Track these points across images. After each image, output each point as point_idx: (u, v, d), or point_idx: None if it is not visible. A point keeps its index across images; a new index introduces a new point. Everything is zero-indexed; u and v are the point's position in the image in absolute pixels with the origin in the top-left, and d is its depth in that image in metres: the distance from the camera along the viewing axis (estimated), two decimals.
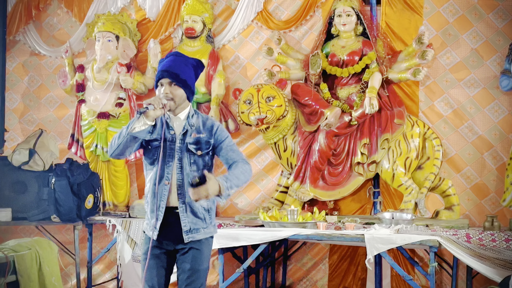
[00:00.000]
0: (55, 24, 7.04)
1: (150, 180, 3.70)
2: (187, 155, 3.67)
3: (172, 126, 3.70)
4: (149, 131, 3.55)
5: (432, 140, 5.76)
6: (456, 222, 5.38)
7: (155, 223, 3.64)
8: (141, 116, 3.48)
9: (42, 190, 5.91)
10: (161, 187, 3.64)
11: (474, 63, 5.87)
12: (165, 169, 3.65)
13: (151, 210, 3.68)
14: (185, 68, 3.69)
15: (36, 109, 7.03)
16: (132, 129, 3.49)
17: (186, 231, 3.65)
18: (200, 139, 3.69)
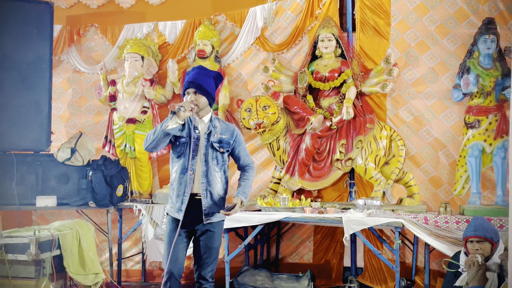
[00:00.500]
0: (92, 47, 7.03)
1: (176, 171, 3.73)
2: (211, 151, 3.72)
3: (197, 126, 3.73)
4: (179, 129, 3.60)
5: (397, 141, 5.75)
6: (416, 208, 5.38)
7: (181, 205, 3.67)
8: (174, 116, 3.54)
9: (81, 181, 5.90)
10: (187, 176, 3.67)
11: (431, 78, 5.86)
12: (190, 161, 3.68)
13: (177, 195, 3.71)
14: (207, 80, 3.75)
15: (77, 115, 7.02)
16: (166, 126, 3.54)
17: (206, 214, 3.68)
18: (222, 139, 3.75)
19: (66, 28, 6.91)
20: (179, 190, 3.71)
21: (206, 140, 3.74)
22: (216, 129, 3.78)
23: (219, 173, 3.76)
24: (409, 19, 5.89)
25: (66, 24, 6.94)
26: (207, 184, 3.69)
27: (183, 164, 3.71)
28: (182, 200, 3.68)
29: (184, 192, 3.69)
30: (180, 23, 6.69)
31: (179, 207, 3.69)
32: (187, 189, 3.68)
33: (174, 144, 3.76)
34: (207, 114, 3.80)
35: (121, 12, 6.86)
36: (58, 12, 6.70)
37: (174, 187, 3.76)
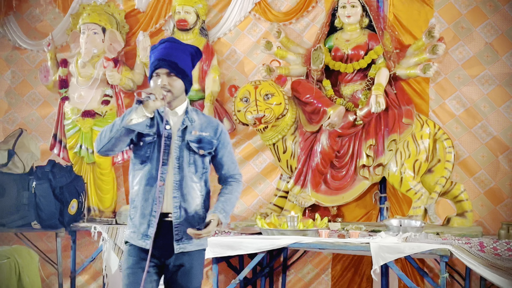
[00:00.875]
0: (37, 16, 7.04)
1: (140, 182, 3.56)
2: (187, 154, 3.56)
3: (168, 121, 3.57)
4: (147, 124, 3.46)
5: (443, 141, 5.75)
6: (469, 230, 5.36)
7: (147, 229, 3.49)
8: (140, 107, 3.39)
9: (21, 194, 5.89)
10: (154, 188, 3.50)
11: (488, 58, 5.87)
12: (160, 168, 3.49)
13: (141, 215, 3.52)
14: (183, 56, 3.59)
15: (18, 107, 7.03)
16: (129, 120, 3.38)
17: (178, 240, 3.51)
18: (202, 138, 3.60)
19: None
20: (144, 208, 3.52)
21: (180, 138, 3.57)
22: (194, 124, 3.61)
23: (198, 184, 3.59)
24: None
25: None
26: (181, 199, 3.52)
27: (149, 172, 3.53)
28: (149, 222, 3.49)
29: (151, 211, 3.50)
30: None
31: (145, 232, 3.50)
32: (156, 207, 3.49)
33: (136, 146, 3.59)
34: (181, 104, 3.62)
35: None
36: None
37: (136, 204, 3.56)
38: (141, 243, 3.51)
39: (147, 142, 3.55)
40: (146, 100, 3.38)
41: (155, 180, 3.51)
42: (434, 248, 4.66)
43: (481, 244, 5.08)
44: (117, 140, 3.43)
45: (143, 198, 3.53)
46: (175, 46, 3.62)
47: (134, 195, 3.59)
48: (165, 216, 3.51)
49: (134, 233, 3.56)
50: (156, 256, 3.53)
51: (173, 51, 3.57)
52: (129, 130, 3.41)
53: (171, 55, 3.54)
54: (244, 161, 6.44)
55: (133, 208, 3.59)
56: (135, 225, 3.56)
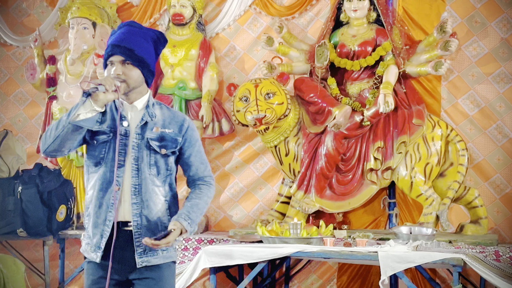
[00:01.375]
0: (24, 10, 7.07)
1: (93, 186, 3.31)
2: (147, 154, 3.32)
3: (125, 116, 3.33)
4: (97, 120, 3.22)
5: (456, 144, 5.75)
6: (484, 238, 5.36)
7: (100, 241, 3.26)
8: (88, 100, 3.11)
9: (7, 200, 5.90)
10: (109, 194, 3.26)
11: (504, 55, 5.88)
12: (115, 171, 3.23)
13: (94, 224, 3.29)
14: (142, 42, 3.34)
15: (3, 107, 7.07)
16: (76, 116, 3.10)
17: (140, 253, 3.27)
18: (165, 135, 3.36)
19: None
20: (98, 216, 3.28)
21: (140, 136, 3.32)
22: (155, 120, 3.37)
23: (161, 188, 3.35)
24: None
25: None
26: (141, 205, 3.28)
27: (103, 175, 3.28)
28: (103, 232, 3.25)
29: (105, 219, 3.26)
30: None
31: (97, 243, 3.27)
32: (110, 214, 3.25)
33: (90, 145, 3.34)
34: (141, 97, 3.38)
35: None
36: None
37: (90, 212, 3.32)
38: (93, 256, 3.28)
39: (101, 141, 3.31)
40: (95, 92, 3.10)
41: (110, 184, 3.27)
42: (446, 257, 4.65)
43: (496, 253, 5.08)
44: (64, 138, 3.16)
45: (96, 205, 3.29)
46: (133, 31, 3.36)
47: (88, 201, 3.36)
48: (124, 225, 3.28)
49: (88, 245, 3.34)
50: (117, 271, 3.29)
51: (130, 36, 3.33)
52: (77, 127, 3.14)
53: (127, 41, 3.30)
54: (243, 165, 6.45)
55: (86, 216, 3.36)
56: (89, 236, 3.33)
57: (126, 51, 3.27)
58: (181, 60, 6.28)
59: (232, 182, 6.48)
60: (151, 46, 3.37)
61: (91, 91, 3.10)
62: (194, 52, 6.29)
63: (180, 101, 6.26)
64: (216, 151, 6.48)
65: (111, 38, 3.37)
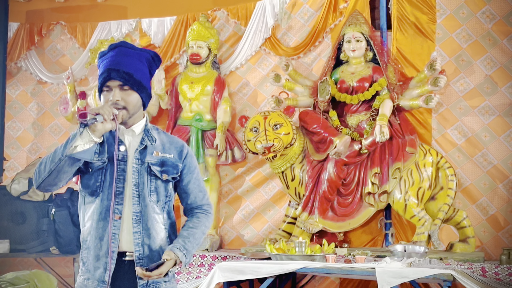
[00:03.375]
0: (58, 50, 7.09)
1: (91, 217, 2.87)
2: (148, 180, 2.90)
3: (122, 141, 2.92)
4: (95, 151, 2.80)
5: (445, 170, 5.73)
6: (471, 255, 5.33)
7: (103, 274, 2.83)
8: (85, 131, 2.69)
9: (41, 221, 5.90)
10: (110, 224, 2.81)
11: (488, 89, 5.88)
12: (113, 199, 2.81)
13: (95, 257, 2.85)
14: (139, 65, 2.92)
15: (40, 137, 7.06)
16: (73, 148, 2.68)
17: (143, 285, 2.85)
18: (166, 159, 2.94)
19: (25, 26, 7.00)
20: (98, 248, 2.84)
21: (140, 161, 2.90)
22: (155, 144, 2.96)
23: (160, 216, 2.94)
24: (459, 14, 5.94)
25: (25, 21, 7.03)
26: (143, 234, 2.86)
27: (101, 204, 2.85)
28: (106, 265, 2.81)
29: (107, 251, 2.81)
30: (169, 20, 6.77)
31: (101, 277, 2.83)
32: (113, 245, 2.81)
33: (84, 174, 2.91)
34: (139, 121, 2.96)
35: (94, 7, 6.94)
36: (15, 6, 6.80)
37: (89, 245, 2.88)
38: None
39: (96, 168, 2.87)
40: (92, 123, 2.69)
41: (109, 213, 2.82)
42: (437, 273, 4.63)
43: (483, 269, 5.05)
44: (60, 172, 2.74)
45: (96, 237, 2.85)
46: (128, 52, 2.93)
47: (86, 234, 2.90)
48: (123, 255, 2.87)
49: (89, 280, 2.87)
50: None
51: (126, 58, 2.89)
52: (74, 159, 2.73)
53: (124, 64, 2.86)
54: (254, 189, 6.44)
55: (85, 249, 2.91)
56: (89, 271, 2.87)
57: (124, 75, 2.84)
58: (198, 95, 6.31)
59: (244, 205, 6.47)
60: (146, 68, 2.96)
61: (89, 123, 2.69)
62: (209, 87, 6.31)
63: (197, 131, 6.27)
64: (229, 176, 6.48)
65: (104, 60, 2.92)
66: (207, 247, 5.93)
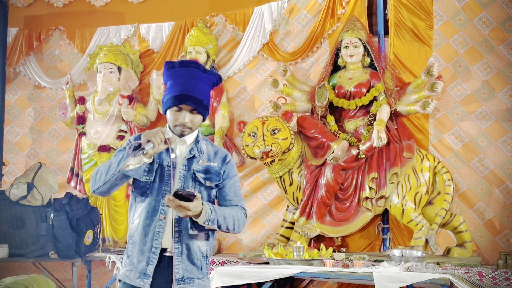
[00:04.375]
0: (56, 56, 7.11)
1: (140, 215, 3.18)
2: (192, 185, 3.19)
3: (173, 149, 3.20)
4: (145, 169, 3.13)
5: (442, 175, 5.74)
6: (468, 260, 5.33)
7: (146, 267, 3.11)
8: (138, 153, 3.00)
9: (40, 226, 5.89)
10: (155, 222, 3.13)
11: (485, 95, 5.89)
12: (161, 200, 3.12)
13: (140, 251, 3.15)
14: (207, 90, 3.23)
15: (39, 142, 7.07)
16: (125, 166, 3.00)
17: (178, 279, 3.12)
18: (210, 168, 3.22)
19: (24, 31, 7.01)
20: (143, 243, 3.14)
21: (187, 168, 3.20)
22: (202, 155, 3.25)
23: None
24: (456, 20, 5.95)
25: (24, 26, 7.04)
26: (183, 234, 3.14)
27: (149, 204, 3.15)
28: (149, 259, 3.12)
29: (151, 247, 3.12)
30: (167, 26, 6.79)
31: (143, 270, 3.12)
32: (156, 242, 3.12)
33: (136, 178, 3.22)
34: (192, 133, 3.26)
35: (93, 12, 6.96)
36: (14, 12, 6.81)
37: (135, 240, 3.18)
38: (139, 282, 3.13)
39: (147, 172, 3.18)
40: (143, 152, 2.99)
41: (156, 212, 3.14)
42: (434, 277, 4.63)
43: (480, 273, 5.05)
44: (113, 184, 3.11)
45: (142, 233, 3.15)
46: (201, 76, 3.21)
47: (133, 230, 3.22)
48: (164, 251, 3.15)
49: (131, 271, 3.16)
50: None
51: (199, 83, 3.18)
52: (125, 175, 3.09)
53: (197, 90, 3.15)
54: (252, 193, 6.45)
55: (131, 244, 3.22)
56: (133, 263, 3.17)
57: (196, 101, 3.14)
58: None
59: None
60: (210, 90, 3.28)
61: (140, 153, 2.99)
62: None
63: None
64: None
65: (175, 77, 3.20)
66: None
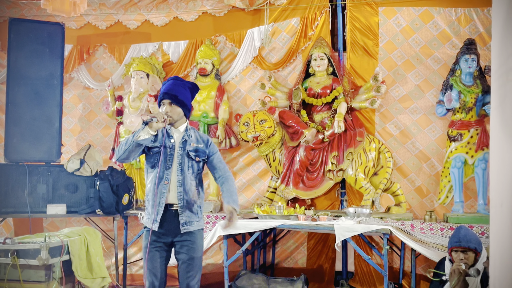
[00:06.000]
0: (101, 65, 7.04)
1: (151, 181, 3.48)
2: (187, 160, 3.49)
3: (172, 135, 3.52)
4: (152, 140, 3.40)
5: (385, 153, 5.75)
6: (403, 215, 5.36)
7: (156, 216, 3.40)
8: (146, 127, 3.33)
9: (89, 190, 5.86)
10: (161, 186, 3.42)
11: (416, 95, 5.89)
12: (165, 171, 3.43)
13: (152, 205, 3.45)
14: (182, 90, 3.52)
15: (87, 129, 7.01)
16: (138, 137, 3.32)
17: (183, 223, 3.43)
18: (198, 148, 3.53)
19: (77, 47, 6.93)
20: (154, 200, 3.44)
21: (182, 149, 3.51)
22: (191, 139, 3.55)
23: (194, 182, 3.52)
24: (396, 40, 5.94)
25: (77, 43, 6.96)
26: (183, 193, 3.44)
27: (157, 174, 3.44)
28: (158, 211, 3.41)
29: (159, 203, 3.42)
30: (183, 43, 6.72)
31: (155, 218, 3.41)
32: (162, 199, 3.42)
33: (147, 155, 3.51)
34: (183, 124, 3.57)
35: (128, 33, 6.88)
36: (69, 33, 6.73)
37: (149, 197, 3.49)
38: (152, 225, 3.42)
39: (155, 152, 3.47)
40: (150, 121, 3.32)
41: (162, 179, 3.43)
42: (379, 228, 4.66)
43: (412, 225, 5.09)
44: (130, 152, 3.37)
45: (153, 193, 3.44)
46: (177, 83, 3.55)
47: (148, 191, 3.51)
48: (171, 206, 3.45)
49: (149, 219, 3.48)
50: (165, 235, 3.46)
51: (175, 86, 3.51)
52: (138, 144, 3.35)
53: (173, 90, 3.49)
54: (245, 167, 6.43)
55: (147, 200, 3.52)
56: (149, 213, 3.48)
57: (172, 96, 3.47)
58: (204, 98, 6.27)
59: (238, 179, 6.44)
60: (188, 93, 3.57)
61: (148, 121, 3.31)
62: (213, 93, 6.28)
63: (204, 125, 6.25)
64: (227, 158, 6.46)
65: (163, 87, 3.56)
66: (211, 210, 5.92)
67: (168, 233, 3.46)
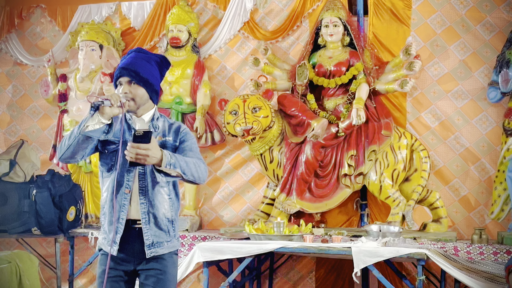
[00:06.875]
0: (38, 33, 7.01)
1: (107, 189, 3.36)
2: None
3: (134, 128, 3.37)
4: (104, 131, 3.20)
5: (419, 152, 5.76)
6: (444, 235, 5.38)
7: (114, 236, 3.27)
8: (96, 114, 3.12)
9: (22, 202, 5.84)
10: (121, 196, 3.30)
11: (462, 74, 5.91)
12: (125, 175, 3.31)
13: (109, 222, 3.34)
14: (146, 65, 3.37)
15: (19, 119, 6.99)
16: (85, 127, 3.12)
17: (149, 245, 3.32)
18: (166, 142, 3.37)
19: (5, 9, 6.91)
20: (111, 214, 3.31)
21: None
22: (158, 131, 3.41)
23: (165, 188, 3.37)
24: (434, 0, 5.94)
25: (5, 4, 6.92)
26: (148, 205, 3.31)
27: (114, 179, 3.31)
28: (117, 229, 3.29)
29: (118, 218, 3.29)
30: (148, 4, 6.71)
31: (114, 239, 3.28)
32: (122, 213, 3.30)
33: (102, 153, 3.38)
34: (148, 112, 3.42)
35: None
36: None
37: (105, 211, 3.38)
38: (109, 249, 3.31)
39: (111, 150, 3.35)
40: (101, 105, 3.11)
41: (121, 187, 3.32)
42: (411, 252, 4.66)
43: (455, 248, 5.11)
44: (76, 147, 3.19)
45: (110, 205, 3.34)
46: (139, 56, 3.41)
47: (103, 202, 3.41)
48: (134, 223, 3.33)
49: (105, 239, 3.40)
50: (125, 263, 3.37)
51: (136, 60, 3.37)
52: (86, 137, 3.16)
53: (133, 64, 3.34)
54: (233, 170, 6.43)
55: (102, 214, 3.42)
56: (105, 231, 3.40)
57: (132, 73, 3.32)
58: (178, 78, 6.27)
59: (223, 186, 6.46)
60: (155, 69, 3.42)
61: (97, 104, 3.11)
62: (189, 71, 6.27)
63: (177, 114, 6.24)
64: (209, 159, 6.45)
65: (121, 62, 3.41)
66: (187, 228, 5.93)
67: (130, 258, 3.36)
